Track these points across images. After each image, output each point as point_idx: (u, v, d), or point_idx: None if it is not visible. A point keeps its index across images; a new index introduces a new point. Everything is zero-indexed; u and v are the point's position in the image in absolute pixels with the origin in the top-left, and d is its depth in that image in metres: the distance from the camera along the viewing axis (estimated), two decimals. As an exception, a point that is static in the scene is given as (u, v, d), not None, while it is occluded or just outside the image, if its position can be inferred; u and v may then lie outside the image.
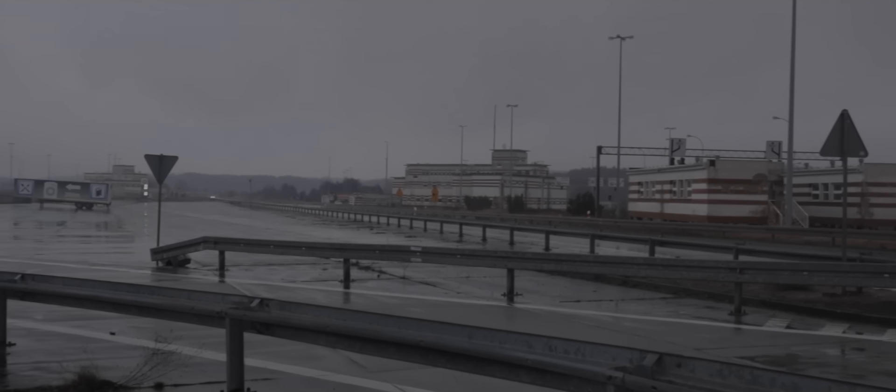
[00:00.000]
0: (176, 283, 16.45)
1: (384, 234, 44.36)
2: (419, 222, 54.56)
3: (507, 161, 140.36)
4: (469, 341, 6.44)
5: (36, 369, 8.88)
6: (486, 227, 40.59)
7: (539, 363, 5.92)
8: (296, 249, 21.49)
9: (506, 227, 41.14)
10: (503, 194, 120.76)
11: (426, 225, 52.23)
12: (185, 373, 8.39)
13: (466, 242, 36.39)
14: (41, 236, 39.21)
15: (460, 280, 19.28)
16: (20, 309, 11.17)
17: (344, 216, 78.07)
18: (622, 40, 70.42)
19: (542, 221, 58.31)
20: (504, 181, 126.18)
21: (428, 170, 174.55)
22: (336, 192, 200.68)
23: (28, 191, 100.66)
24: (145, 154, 23.11)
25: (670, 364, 5.40)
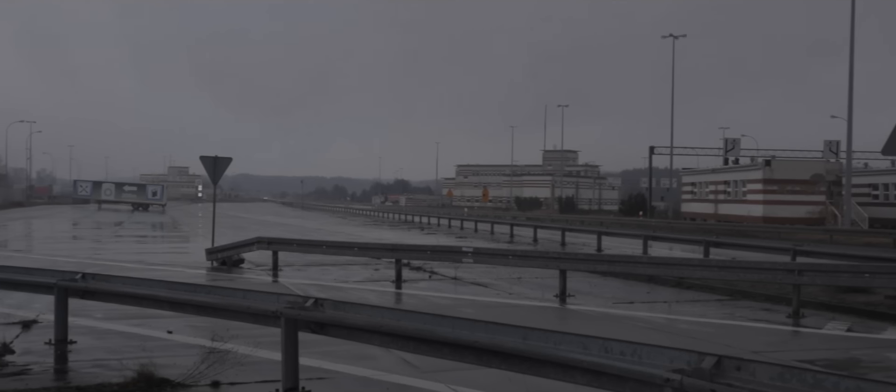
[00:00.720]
0: (231, 283, 16.65)
1: (435, 235, 44.43)
2: (470, 223, 54.54)
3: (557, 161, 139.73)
4: (524, 342, 6.40)
5: (96, 366, 9.05)
6: (537, 227, 40.42)
7: (595, 365, 5.86)
8: (348, 250, 21.62)
9: (557, 227, 40.98)
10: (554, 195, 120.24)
11: (477, 226, 52.20)
12: (241, 371, 8.48)
13: (517, 243, 36.28)
14: (99, 236, 40.01)
15: (512, 281, 19.22)
16: (80, 307, 11.39)
17: (394, 217, 78.38)
18: (675, 39, 69.61)
19: (593, 222, 57.92)
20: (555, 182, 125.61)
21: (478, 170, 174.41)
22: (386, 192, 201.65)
23: (86, 192, 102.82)
24: (200, 156, 23.42)
25: (729, 367, 5.31)
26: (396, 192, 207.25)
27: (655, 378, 5.45)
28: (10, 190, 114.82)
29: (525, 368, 6.47)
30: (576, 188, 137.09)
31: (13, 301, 13.68)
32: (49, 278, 10.41)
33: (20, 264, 14.63)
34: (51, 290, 10.20)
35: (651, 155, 75.79)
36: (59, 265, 17.90)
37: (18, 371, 8.81)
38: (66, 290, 10.05)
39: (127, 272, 16.83)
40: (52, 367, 9.20)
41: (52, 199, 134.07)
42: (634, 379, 5.65)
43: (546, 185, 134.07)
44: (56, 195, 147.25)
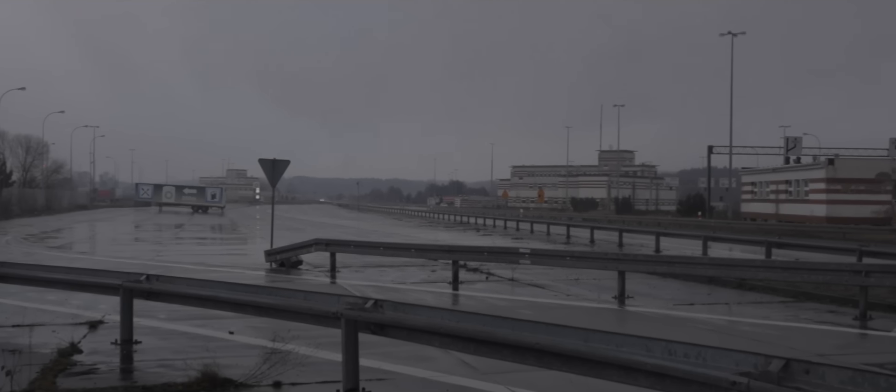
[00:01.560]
0: (290, 284, 16.82)
1: (491, 237, 44.37)
2: (525, 224, 54.37)
3: (614, 162, 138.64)
4: (585, 344, 6.35)
5: (161, 366, 9.20)
6: (593, 228, 40.13)
7: (658, 367, 5.77)
8: (405, 251, 21.69)
9: (614, 228, 40.64)
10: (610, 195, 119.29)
11: (533, 227, 52.02)
12: (302, 372, 8.55)
13: (574, 244, 36.05)
14: (160, 238, 40.78)
15: (569, 282, 19.10)
16: (144, 308, 11.60)
17: (449, 218, 78.50)
18: (733, 37, 68.55)
19: (650, 223, 57.30)
20: (611, 182, 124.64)
21: (533, 171, 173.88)
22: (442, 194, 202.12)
23: (148, 195, 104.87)
24: (259, 158, 23.73)
25: (798, 370, 5.18)
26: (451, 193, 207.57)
27: (721, 381, 5.34)
28: (75, 193, 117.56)
29: (586, 370, 6.41)
30: (632, 189, 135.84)
31: (79, 301, 14.00)
32: (114, 280, 10.63)
33: (85, 266, 14.97)
34: (116, 291, 10.41)
35: (709, 154, 74.76)
36: (122, 267, 18.26)
37: (86, 370, 9.00)
38: (131, 292, 10.24)
39: (188, 274, 17.10)
40: (118, 367, 9.38)
41: (115, 202, 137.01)
42: (699, 382, 5.55)
43: (602, 186, 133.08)
44: (118, 198, 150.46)
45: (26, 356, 8.40)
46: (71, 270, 12.28)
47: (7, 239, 37.27)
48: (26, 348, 9.00)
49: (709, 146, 74.46)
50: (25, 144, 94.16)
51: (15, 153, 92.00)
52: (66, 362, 9.28)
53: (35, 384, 8.03)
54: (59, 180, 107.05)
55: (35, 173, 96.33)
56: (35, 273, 12.53)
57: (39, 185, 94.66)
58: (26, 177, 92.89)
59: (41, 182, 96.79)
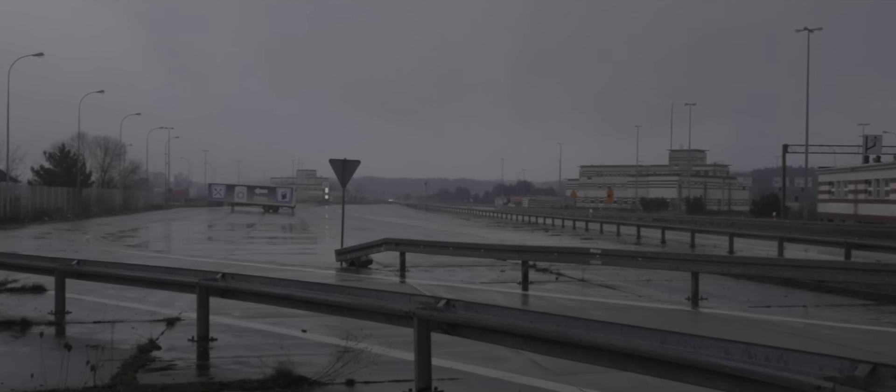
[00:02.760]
0: (361, 283, 16.95)
1: (559, 237, 44.09)
2: (594, 224, 53.92)
3: (685, 161, 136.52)
4: (661, 346, 6.24)
5: (237, 363, 9.35)
6: (664, 229, 39.57)
7: (738, 370, 5.64)
8: (474, 251, 21.67)
9: (685, 229, 40.00)
10: (681, 195, 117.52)
11: (602, 227, 51.56)
12: (374, 370, 8.60)
13: (644, 245, 35.61)
14: (233, 237, 41.50)
15: (641, 283, 18.85)
16: (219, 306, 11.81)
17: (517, 218, 78.28)
18: (810, 32, 66.88)
19: (723, 223, 56.26)
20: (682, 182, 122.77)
21: (602, 171, 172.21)
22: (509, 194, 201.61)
23: (220, 195, 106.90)
24: (330, 159, 23.97)
25: (886, 375, 5.01)
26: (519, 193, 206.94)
27: (805, 386, 5.20)
28: (151, 193, 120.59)
29: (662, 373, 6.30)
30: (704, 188, 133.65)
31: (157, 299, 14.33)
32: (192, 278, 10.84)
33: (162, 264, 15.31)
34: (193, 289, 10.62)
35: (784, 153, 73.11)
36: (197, 265, 18.63)
37: (165, 366, 9.20)
38: (207, 290, 10.43)
39: (261, 272, 17.35)
40: (195, 363, 9.56)
41: (189, 202, 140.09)
42: (781, 386, 5.41)
43: (673, 186, 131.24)
44: (192, 198, 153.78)
45: (108, 351, 8.62)
46: (150, 269, 12.57)
47: (87, 238, 38.37)
48: (108, 344, 9.23)
49: (784, 145, 72.88)
50: (104, 146, 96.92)
51: (94, 154, 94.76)
52: (145, 358, 9.50)
53: (116, 379, 8.23)
54: (136, 180, 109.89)
55: (113, 174, 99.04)
56: (115, 271, 12.86)
57: (117, 186, 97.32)
58: (105, 177, 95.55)
59: (119, 182, 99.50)
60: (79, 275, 13.00)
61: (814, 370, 5.31)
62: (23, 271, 15.25)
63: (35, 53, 59.27)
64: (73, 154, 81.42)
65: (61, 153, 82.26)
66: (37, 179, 77.16)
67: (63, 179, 75.43)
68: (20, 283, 16.41)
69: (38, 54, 59.41)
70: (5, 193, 55.41)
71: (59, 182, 73.96)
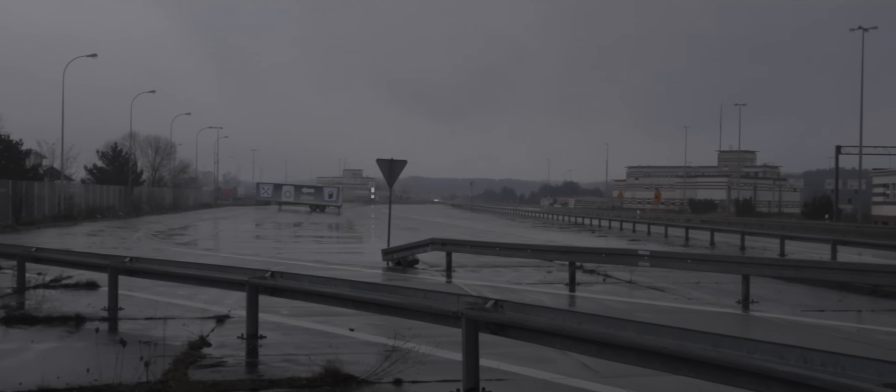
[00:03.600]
0: (408, 283, 16.97)
1: (606, 238, 43.79)
2: (642, 226, 53.46)
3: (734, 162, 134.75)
4: (714, 349, 6.14)
5: (285, 361, 9.41)
6: (713, 231, 39.09)
7: (793, 376, 5.53)
8: (520, 252, 21.59)
9: (735, 231, 39.48)
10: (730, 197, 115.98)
11: (650, 228, 51.08)
12: (422, 370, 8.60)
13: (693, 247, 35.20)
14: (280, 236, 41.88)
15: (690, 285, 18.62)
16: (268, 304, 11.91)
17: (563, 219, 77.91)
18: (864, 32, 65.58)
19: (773, 225, 55.41)
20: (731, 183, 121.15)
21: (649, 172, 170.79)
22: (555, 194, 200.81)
23: (268, 194, 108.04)
24: (377, 159, 24.05)
25: (949, 383, 4.88)
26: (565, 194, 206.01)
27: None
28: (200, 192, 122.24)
29: (715, 377, 6.20)
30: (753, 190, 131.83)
31: (206, 296, 14.51)
32: (241, 276, 10.94)
33: (211, 262, 15.49)
34: (243, 287, 10.72)
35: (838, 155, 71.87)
36: (245, 263, 18.83)
37: (215, 363, 9.29)
38: (257, 288, 10.52)
39: (308, 271, 17.46)
40: (244, 361, 9.65)
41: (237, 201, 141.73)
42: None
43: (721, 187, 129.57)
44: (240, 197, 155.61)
45: (160, 348, 8.73)
46: (200, 266, 12.72)
47: (138, 235, 39.00)
48: (160, 340, 9.35)
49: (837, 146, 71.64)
50: (155, 145, 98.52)
51: (145, 153, 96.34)
52: (196, 355, 9.61)
53: (168, 375, 8.34)
54: (186, 179, 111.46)
55: (163, 173, 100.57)
56: (166, 268, 13.03)
57: (167, 184, 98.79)
58: (155, 176, 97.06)
59: (169, 181, 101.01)
60: (131, 272, 13.20)
61: (873, 376, 5.18)
62: (77, 268, 15.57)
63: (89, 54, 60.40)
64: (125, 153, 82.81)
65: (113, 152, 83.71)
66: (90, 178, 78.63)
67: (115, 178, 76.76)
68: (74, 279, 16.73)
69: (91, 55, 60.52)
70: (60, 191, 56.53)
71: (112, 180, 75.28)
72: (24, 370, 8.80)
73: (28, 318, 12.31)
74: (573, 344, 7.28)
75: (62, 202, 55.66)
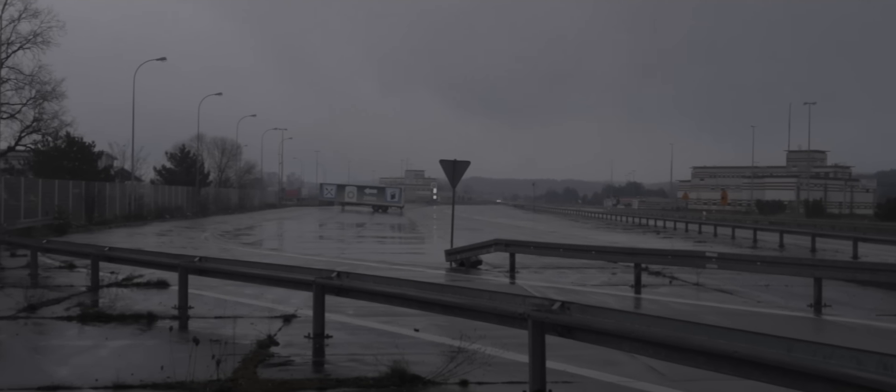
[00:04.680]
0: (472, 284, 16.98)
1: (671, 240, 43.22)
2: (707, 227, 52.64)
3: (803, 162, 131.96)
4: (788, 354, 6.00)
5: (352, 361, 9.48)
6: (782, 232, 38.30)
7: (873, 383, 5.37)
8: (585, 253, 21.43)
9: (805, 232, 38.65)
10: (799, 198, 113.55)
11: (716, 230, 50.25)
12: (488, 371, 8.59)
13: (761, 248, 34.53)
14: (343, 236, 42.26)
15: (758, 288, 18.27)
16: (334, 304, 12.00)
17: (627, 220, 77.12)
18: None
19: (845, 227, 54.08)
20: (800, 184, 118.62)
21: (715, 172, 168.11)
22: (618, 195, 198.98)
23: (331, 194, 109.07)
24: (440, 159, 24.12)
25: None
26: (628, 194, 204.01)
27: (948, 400, 4.92)
28: (265, 192, 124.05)
29: (789, 382, 6.06)
30: (824, 191, 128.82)
31: (273, 296, 14.70)
32: (308, 276, 11.05)
33: (276, 262, 15.69)
34: (309, 287, 10.81)
35: (911, 155, 69.69)
36: (310, 263, 19.03)
37: (283, 362, 9.41)
38: (323, 288, 10.61)
39: (372, 271, 17.58)
40: (311, 360, 9.74)
41: (301, 201, 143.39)
42: (921, 400, 5.14)
43: (790, 188, 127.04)
44: (304, 197, 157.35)
45: (230, 346, 8.88)
46: (267, 266, 12.89)
47: (205, 235, 39.73)
48: (230, 339, 9.51)
49: (910, 146, 69.52)
50: (221, 146, 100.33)
51: (212, 154, 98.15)
52: (264, 353, 9.74)
53: (238, 373, 8.47)
54: (251, 180, 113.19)
55: (229, 173, 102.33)
56: (235, 268, 13.23)
57: (233, 185, 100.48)
58: (221, 177, 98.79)
59: (235, 182, 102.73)
60: (200, 271, 13.42)
61: (957, 384, 5.01)
62: (148, 267, 15.93)
63: (158, 58, 61.73)
64: (193, 154, 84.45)
65: (181, 153, 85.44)
66: (159, 179, 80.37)
67: (183, 179, 78.32)
68: (145, 278, 17.11)
69: (161, 59, 61.84)
70: (130, 192, 57.90)
71: (179, 181, 76.84)
72: (100, 367, 9.03)
73: (102, 315, 12.63)
74: (642, 347, 7.19)
75: (132, 202, 57.00)
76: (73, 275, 18.80)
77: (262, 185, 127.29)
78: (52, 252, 19.93)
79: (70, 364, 9.34)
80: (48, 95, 45.85)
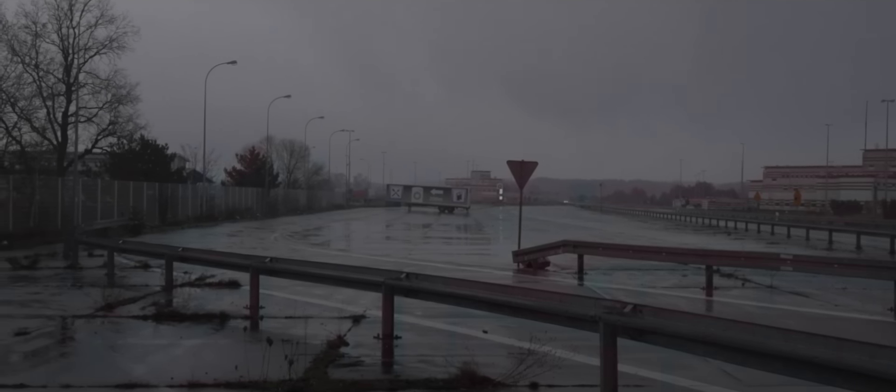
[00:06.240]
0: (540, 285, 16.88)
1: (743, 241, 42.39)
2: (780, 228, 51.51)
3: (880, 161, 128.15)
4: (871, 361, 5.80)
5: (421, 362, 9.50)
6: (859, 233, 37.25)
7: (963, 391, 5.18)
8: (654, 254, 21.13)
9: (884, 234, 37.46)
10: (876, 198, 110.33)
11: (789, 231, 49.14)
12: (558, 374, 8.52)
13: (836, 250, 33.66)
14: (410, 237, 42.46)
15: (835, 291, 17.78)
16: (402, 304, 12.03)
17: (696, 221, 75.91)
18: None
19: (925, 228, 52.32)
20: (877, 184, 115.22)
21: (788, 172, 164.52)
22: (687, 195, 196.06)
23: (398, 195, 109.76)
24: (508, 160, 24.04)
25: None
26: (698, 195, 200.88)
27: None
28: (332, 193, 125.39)
29: (871, 390, 5.87)
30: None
31: (342, 296, 14.82)
32: (377, 277, 11.10)
33: (344, 263, 15.81)
34: (378, 287, 10.87)
35: None
36: (377, 264, 19.11)
37: (353, 362, 9.48)
38: (392, 289, 10.65)
39: (439, 272, 17.58)
40: (381, 361, 9.79)
41: (368, 202, 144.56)
42: None
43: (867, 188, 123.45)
44: (371, 198, 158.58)
45: (301, 346, 8.97)
46: (337, 267, 13.00)
47: (275, 236, 40.31)
48: (301, 339, 9.61)
49: None
50: (290, 148, 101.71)
51: (281, 156, 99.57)
52: (334, 354, 9.83)
53: (309, 373, 8.55)
54: (319, 181, 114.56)
55: (298, 175, 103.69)
56: (305, 269, 13.36)
57: (301, 186, 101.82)
58: (290, 178, 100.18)
59: (303, 183, 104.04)
60: (271, 272, 13.59)
61: None
62: (220, 267, 16.20)
63: (229, 62, 62.82)
64: (262, 156, 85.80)
65: (251, 155, 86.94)
66: (229, 180, 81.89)
67: (252, 180, 79.64)
68: (217, 278, 17.42)
69: (231, 62, 62.93)
70: (201, 193, 59.11)
71: (249, 183, 78.15)
72: (175, 365, 9.21)
73: (176, 315, 12.90)
74: (716, 350, 7.03)
75: (203, 204, 58.17)
76: (147, 274, 19.26)
77: (330, 187, 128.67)
78: (127, 252, 20.42)
79: (146, 362, 9.55)
80: (123, 99, 47.00)
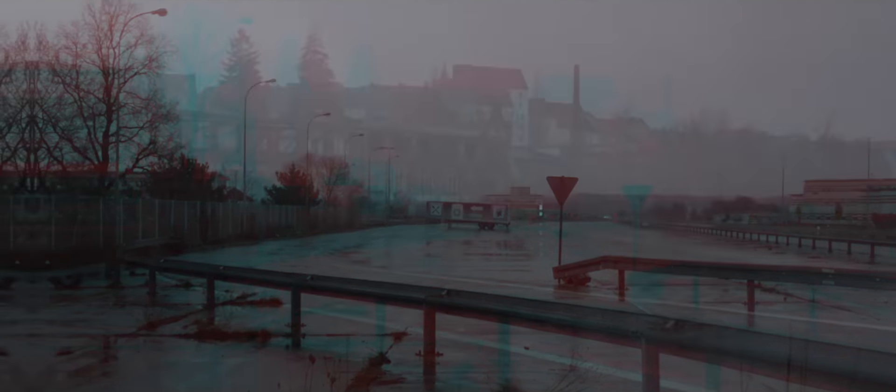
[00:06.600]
0: (581, 301, 16.86)
1: (784, 255, 41.89)
2: (822, 242, 50.79)
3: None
4: (918, 376, 5.79)
5: (463, 378, 9.58)
6: (904, 247, 36.61)
7: None
8: (695, 270, 20.99)
9: (929, 247, 36.86)
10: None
11: (831, 245, 48.42)
12: (600, 391, 8.52)
13: (879, 264, 33.13)
14: (450, 254, 42.52)
15: (878, 305, 17.53)
16: (443, 321, 12.08)
17: (737, 235, 75.06)
18: None
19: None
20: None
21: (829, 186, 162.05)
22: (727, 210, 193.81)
23: (437, 212, 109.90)
24: (548, 176, 24.07)
25: None
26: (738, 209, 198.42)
27: None
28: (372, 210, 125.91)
29: (918, 404, 5.85)
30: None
31: (383, 314, 14.87)
32: (418, 294, 11.19)
33: (384, 280, 15.92)
34: (420, 304, 10.95)
35: None
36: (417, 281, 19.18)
37: (395, 379, 9.56)
38: (433, 305, 10.72)
39: (479, 289, 17.61)
40: (422, 377, 9.86)
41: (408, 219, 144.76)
42: None
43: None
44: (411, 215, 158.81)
45: (343, 364, 9.07)
46: (378, 285, 13.11)
47: (315, 254, 40.59)
48: (343, 356, 9.71)
49: None
50: (329, 165, 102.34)
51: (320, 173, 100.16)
52: (376, 371, 9.91)
53: (352, 390, 8.65)
54: (359, 199, 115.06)
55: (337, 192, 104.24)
56: (346, 286, 13.49)
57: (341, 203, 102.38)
58: (330, 195, 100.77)
59: (343, 200, 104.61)
60: (312, 289, 13.70)
61: None
62: (261, 286, 16.35)
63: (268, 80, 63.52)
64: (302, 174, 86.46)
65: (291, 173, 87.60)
66: (269, 198, 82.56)
67: (292, 198, 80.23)
68: (258, 296, 17.60)
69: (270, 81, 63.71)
70: (242, 212, 59.71)
71: (289, 200, 78.73)
72: (217, 383, 9.36)
73: (218, 333, 13.03)
74: (759, 365, 7.03)
75: (244, 222, 58.72)
76: (189, 293, 19.51)
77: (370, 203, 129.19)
78: (169, 271, 20.69)
79: (189, 381, 9.71)
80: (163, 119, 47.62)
